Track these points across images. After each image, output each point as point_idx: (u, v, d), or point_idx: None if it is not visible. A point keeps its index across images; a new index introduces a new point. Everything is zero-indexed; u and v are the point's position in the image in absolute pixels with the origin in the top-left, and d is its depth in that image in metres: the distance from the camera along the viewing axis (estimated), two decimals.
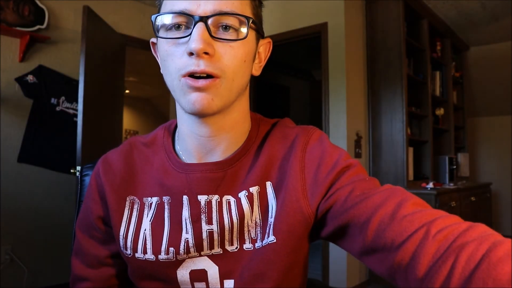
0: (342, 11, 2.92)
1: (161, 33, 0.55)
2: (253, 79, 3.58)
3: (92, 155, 2.37)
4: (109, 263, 0.68)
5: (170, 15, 0.54)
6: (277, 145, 0.63)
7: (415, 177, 3.29)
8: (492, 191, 4.32)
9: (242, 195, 0.60)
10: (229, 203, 0.60)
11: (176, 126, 0.68)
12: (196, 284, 0.60)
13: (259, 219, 0.60)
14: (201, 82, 0.53)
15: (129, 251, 0.61)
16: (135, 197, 0.63)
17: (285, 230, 0.57)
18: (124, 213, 0.63)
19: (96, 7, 2.66)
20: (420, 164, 3.47)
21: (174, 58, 0.54)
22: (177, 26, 0.54)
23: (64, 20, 2.83)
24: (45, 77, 2.69)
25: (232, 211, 0.60)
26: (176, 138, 0.67)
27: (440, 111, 3.87)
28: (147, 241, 0.60)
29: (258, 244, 0.59)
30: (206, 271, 0.60)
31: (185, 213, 0.60)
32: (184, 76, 0.53)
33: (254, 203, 0.60)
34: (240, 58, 0.55)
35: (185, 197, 0.61)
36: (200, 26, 0.51)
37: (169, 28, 0.55)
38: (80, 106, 2.35)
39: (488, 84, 4.69)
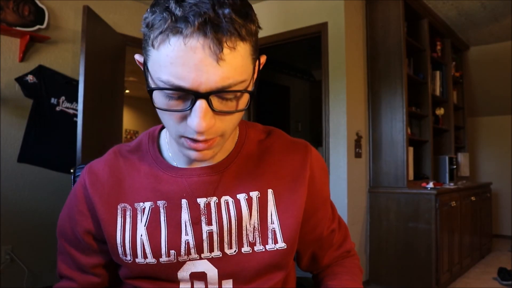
0: (342, 11, 2.92)
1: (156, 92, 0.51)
2: None
3: (92, 155, 2.37)
4: (94, 273, 0.68)
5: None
6: (279, 156, 0.66)
7: (415, 177, 3.29)
8: (492, 191, 4.32)
9: (242, 197, 0.62)
10: (227, 203, 0.61)
11: (159, 131, 0.69)
12: (196, 283, 0.62)
13: (257, 223, 0.62)
14: (202, 146, 0.52)
15: (129, 257, 0.61)
16: (126, 204, 0.63)
17: (293, 238, 0.63)
18: (118, 221, 0.62)
19: (96, 7, 2.66)
20: (420, 164, 3.47)
21: (172, 119, 0.52)
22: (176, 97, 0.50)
23: (64, 20, 2.83)
24: (45, 77, 2.69)
25: (230, 211, 0.61)
26: (164, 143, 0.67)
27: (440, 111, 3.86)
28: (145, 246, 0.61)
29: (259, 247, 0.61)
30: (206, 274, 0.61)
31: (185, 216, 0.61)
32: (183, 137, 0.52)
33: (253, 208, 0.62)
34: (239, 115, 0.55)
35: (184, 201, 0.61)
36: (202, 104, 0.48)
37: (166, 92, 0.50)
38: (80, 106, 2.35)
39: (488, 84, 4.69)
